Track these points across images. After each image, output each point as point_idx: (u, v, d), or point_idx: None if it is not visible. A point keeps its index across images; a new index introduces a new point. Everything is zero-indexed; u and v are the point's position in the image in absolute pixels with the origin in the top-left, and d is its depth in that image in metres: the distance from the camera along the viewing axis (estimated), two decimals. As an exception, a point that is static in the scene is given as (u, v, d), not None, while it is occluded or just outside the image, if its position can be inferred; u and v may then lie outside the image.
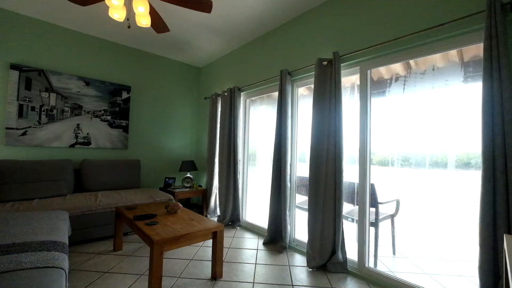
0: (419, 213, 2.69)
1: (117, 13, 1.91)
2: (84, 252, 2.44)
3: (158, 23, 2.38)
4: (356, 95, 2.36)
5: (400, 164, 2.33)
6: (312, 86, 2.70)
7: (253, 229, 3.26)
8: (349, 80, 2.50)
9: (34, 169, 2.81)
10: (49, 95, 3.12)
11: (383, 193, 2.34)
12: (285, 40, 2.97)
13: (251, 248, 2.69)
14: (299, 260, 2.43)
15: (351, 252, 2.26)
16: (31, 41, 3.03)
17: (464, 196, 2.28)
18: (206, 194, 3.91)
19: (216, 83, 4.18)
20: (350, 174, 2.37)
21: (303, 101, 2.87)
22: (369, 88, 2.20)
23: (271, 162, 2.85)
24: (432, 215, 2.59)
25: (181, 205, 2.41)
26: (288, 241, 2.70)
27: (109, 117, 3.59)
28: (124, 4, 2.52)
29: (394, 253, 2.46)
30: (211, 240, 2.84)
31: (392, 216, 2.42)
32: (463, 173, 1.99)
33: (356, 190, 2.38)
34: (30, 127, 2.99)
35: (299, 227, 2.81)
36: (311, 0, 2.55)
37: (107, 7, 2.79)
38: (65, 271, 1.32)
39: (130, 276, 2.02)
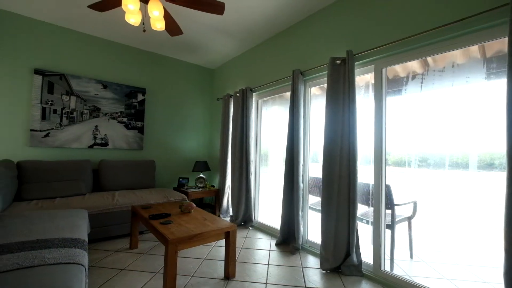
0: (438, 216, 2.59)
1: (133, 18, 1.97)
2: (102, 250, 2.52)
3: (172, 26, 2.43)
4: (371, 94, 2.31)
5: (417, 164, 2.25)
6: (325, 85, 2.67)
7: (266, 230, 3.26)
8: (363, 79, 2.45)
9: (56, 169, 2.94)
10: (70, 98, 3.26)
11: (400, 195, 2.27)
12: (297, 39, 2.95)
13: (263, 248, 2.69)
14: (312, 261, 2.40)
15: (366, 255, 2.21)
16: (53, 46, 3.18)
17: (487, 198, 2.17)
18: (218, 194, 3.94)
19: (229, 84, 4.21)
20: (364, 175, 2.32)
21: (316, 101, 2.84)
22: (384, 86, 2.14)
23: (284, 163, 2.84)
24: (452, 218, 2.48)
25: (194, 205, 2.44)
26: (301, 242, 2.67)
27: (125, 119, 3.70)
28: (140, 8, 2.59)
29: (411, 256, 2.38)
30: (223, 240, 2.86)
31: (409, 219, 2.35)
32: (486, 174, 1.90)
33: (371, 191, 2.32)
34: (52, 129, 3.14)
35: (312, 228, 2.78)
36: (324, -1, 2.52)
37: (124, 12, 2.88)
38: (85, 268, 1.37)
39: (146, 273, 2.07)
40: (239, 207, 3.50)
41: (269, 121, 3.58)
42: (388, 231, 2.15)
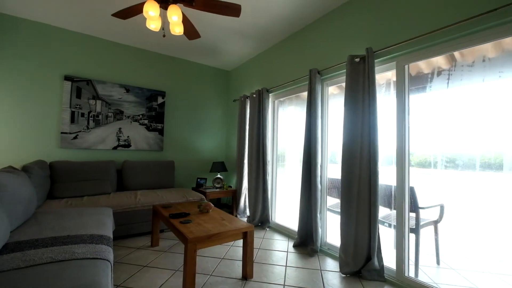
0: (468, 221, 2.43)
1: (154, 24, 2.04)
2: (125, 246, 2.63)
3: (190, 30, 2.49)
4: (392, 92, 2.22)
5: (444, 165, 2.13)
6: (343, 84, 2.61)
7: (283, 231, 3.23)
8: (384, 77, 2.36)
9: (84, 170, 3.12)
10: (96, 102, 3.45)
11: (425, 197, 2.16)
12: (314, 38, 2.91)
13: (281, 250, 2.67)
14: (331, 264, 2.35)
15: (389, 260, 2.12)
16: (81, 54, 3.38)
17: (524, 202, 2.00)
18: (235, 194, 3.98)
19: (245, 85, 4.24)
20: (386, 176, 2.23)
21: (334, 100, 2.78)
22: (407, 84, 2.06)
23: (301, 163, 2.80)
24: (483, 223, 2.32)
25: (212, 204, 2.48)
26: (319, 245, 2.62)
27: (146, 121, 3.85)
28: (160, 15, 2.68)
29: (438, 263, 2.25)
30: (241, 240, 2.88)
31: (435, 223, 2.22)
32: (523, 176, 1.75)
33: (393, 193, 2.23)
34: (80, 131, 3.33)
35: (331, 230, 2.72)
36: (341, -4, 2.47)
37: (144, 20, 3.00)
38: (110, 263, 1.44)
39: (166, 271, 2.13)
40: (256, 208, 3.50)
41: (286, 121, 3.55)
42: (412, 235, 2.05)
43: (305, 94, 3.14)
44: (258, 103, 3.56)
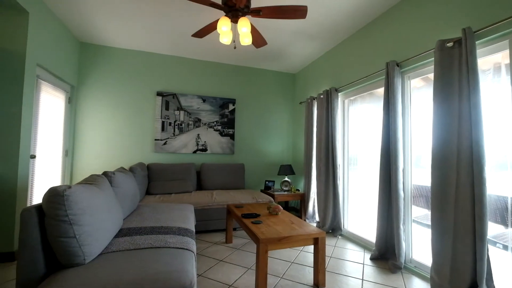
0: None
1: (226, 38, 2.23)
2: (203, 241, 2.93)
3: (257, 39, 2.61)
4: (505, 78, 1.76)
5: None
6: (430, 75, 2.24)
7: (357, 241, 2.97)
8: (488, 61, 1.90)
9: (171, 170, 3.64)
10: (179, 112, 3.99)
11: None
12: (390, 27, 2.60)
13: (356, 261, 2.46)
14: (420, 285, 2.02)
15: (505, 291, 1.67)
16: (167, 72, 3.99)
17: None
18: (304, 198, 3.90)
19: (311, 86, 4.14)
20: (496, 185, 1.78)
21: (418, 94, 2.41)
22: (527, 66, 1.60)
23: (378, 167, 2.53)
24: None
25: (281, 207, 2.50)
26: (403, 261, 2.29)
27: (219, 127, 4.22)
28: (230, 29, 2.91)
29: None
30: (311, 246, 2.79)
31: None
32: None
33: (510, 207, 1.76)
34: (168, 138, 3.92)
35: (419, 245, 2.34)
36: (426, -27, 2.13)
37: (217, 36, 3.31)
38: (194, 254, 1.62)
39: (239, 267, 2.26)
40: (326, 214, 3.34)
41: (358, 121, 3.28)
42: (543, 264, 1.56)
43: (380, 90, 2.84)
44: (326, 103, 3.42)
